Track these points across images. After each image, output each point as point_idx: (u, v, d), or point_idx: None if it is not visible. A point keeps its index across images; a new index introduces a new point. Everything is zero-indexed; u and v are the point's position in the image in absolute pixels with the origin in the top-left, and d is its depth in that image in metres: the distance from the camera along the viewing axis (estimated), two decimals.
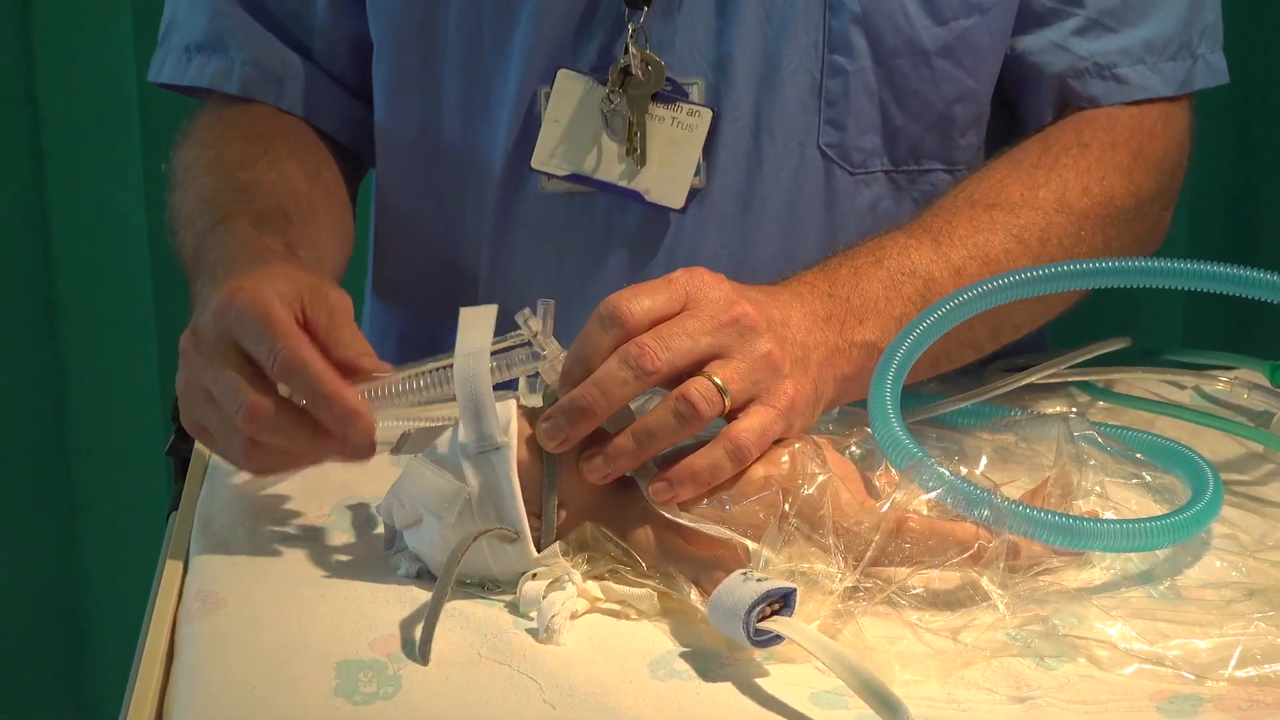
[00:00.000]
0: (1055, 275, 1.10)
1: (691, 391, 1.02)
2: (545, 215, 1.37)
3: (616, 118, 1.33)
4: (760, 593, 0.94)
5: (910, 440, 1.03)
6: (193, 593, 1.03)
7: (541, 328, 1.05)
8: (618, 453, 1.03)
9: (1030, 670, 0.95)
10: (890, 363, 1.08)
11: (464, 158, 1.39)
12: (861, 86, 1.33)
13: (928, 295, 1.18)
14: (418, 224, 1.44)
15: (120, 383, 2.04)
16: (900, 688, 0.92)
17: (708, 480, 1.02)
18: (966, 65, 1.34)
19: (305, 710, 0.91)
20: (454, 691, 0.93)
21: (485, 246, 1.40)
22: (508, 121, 1.36)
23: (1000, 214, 1.25)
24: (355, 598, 1.02)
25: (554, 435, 1.02)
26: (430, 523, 1.03)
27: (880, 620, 0.98)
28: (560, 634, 0.97)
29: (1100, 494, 1.08)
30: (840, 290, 1.16)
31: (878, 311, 1.16)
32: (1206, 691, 0.93)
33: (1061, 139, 1.32)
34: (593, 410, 1.02)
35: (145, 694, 0.95)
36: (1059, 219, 1.27)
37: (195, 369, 1.07)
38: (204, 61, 1.42)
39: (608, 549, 1.03)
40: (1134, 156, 1.33)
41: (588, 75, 1.33)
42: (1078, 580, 1.03)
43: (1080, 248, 1.27)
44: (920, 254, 1.20)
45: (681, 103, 1.33)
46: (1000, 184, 1.28)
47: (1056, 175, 1.29)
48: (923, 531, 1.01)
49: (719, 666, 0.95)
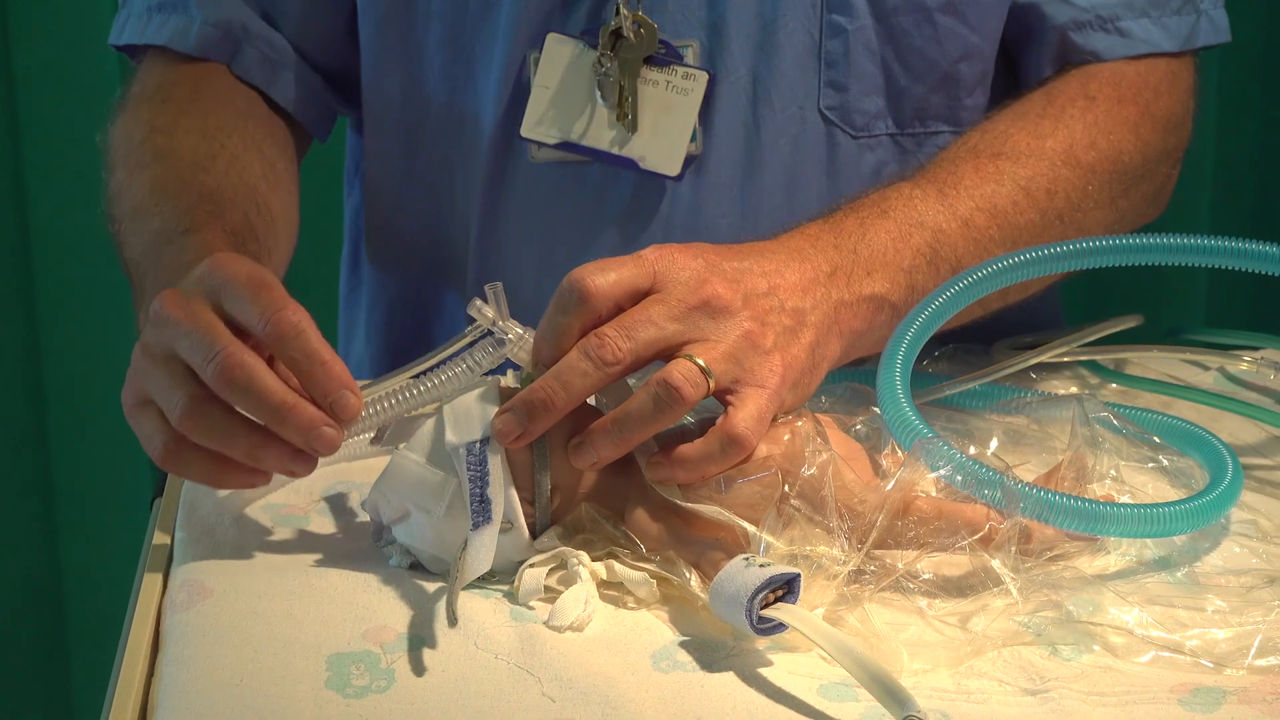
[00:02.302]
0: (1072, 253, 1.09)
1: (673, 375, 0.99)
2: (535, 185, 1.35)
3: (608, 82, 1.30)
4: (763, 579, 0.92)
5: (919, 419, 1.01)
6: (178, 582, 1.01)
7: (497, 313, 1.02)
8: (599, 440, 1.00)
9: (1044, 660, 0.94)
10: (900, 342, 1.06)
11: (451, 125, 1.37)
12: (862, 46, 1.31)
13: (936, 247, 1.17)
14: (406, 193, 1.42)
15: (100, 364, 2.02)
16: (908, 677, 0.91)
17: (703, 471, 1.00)
18: (970, 20, 1.32)
19: (295, 704, 0.89)
20: (449, 685, 0.91)
21: (474, 217, 1.38)
22: (495, 88, 1.34)
23: (1006, 164, 1.24)
24: (346, 587, 1.00)
25: (509, 432, 0.99)
26: (419, 517, 1.00)
27: (887, 606, 0.97)
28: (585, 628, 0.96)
29: (1115, 478, 1.06)
30: (847, 242, 1.13)
31: (886, 263, 1.14)
32: (1230, 683, 0.92)
33: (1066, 91, 1.31)
34: (551, 404, 0.99)
35: (129, 687, 0.93)
36: (1066, 171, 1.25)
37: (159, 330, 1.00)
38: (164, 20, 1.39)
39: (605, 531, 1.01)
40: (1141, 113, 1.31)
41: (578, 39, 1.31)
42: (1092, 566, 1.01)
43: (1087, 202, 1.26)
44: (927, 205, 1.18)
45: (676, 65, 1.31)
46: (1005, 134, 1.27)
47: (1064, 126, 1.27)
48: (931, 512, 0.99)
49: (723, 657, 0.94)
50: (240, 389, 0.97)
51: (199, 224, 1.20)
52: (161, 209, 1.23)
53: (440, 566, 1.01)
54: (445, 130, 1.37)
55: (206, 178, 1.27)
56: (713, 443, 1.00)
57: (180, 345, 0.99)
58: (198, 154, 1.30)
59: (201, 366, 0.98)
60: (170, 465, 1.01)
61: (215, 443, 0.99)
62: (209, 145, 1.31)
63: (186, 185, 1.26)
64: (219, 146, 1.31)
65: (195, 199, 1.24)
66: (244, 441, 0.99)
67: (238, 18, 1.38)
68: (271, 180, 1.32)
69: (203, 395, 0.98)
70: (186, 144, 1.31)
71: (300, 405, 0.98)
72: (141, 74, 1.40)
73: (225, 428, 0.99)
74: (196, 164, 1.28)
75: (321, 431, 0.98)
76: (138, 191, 1.27)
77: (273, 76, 1.39)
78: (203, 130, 1.32)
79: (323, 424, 0.98)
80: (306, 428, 0.98)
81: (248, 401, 0.98)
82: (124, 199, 1.28)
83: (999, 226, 1.21)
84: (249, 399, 0.98)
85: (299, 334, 0.98)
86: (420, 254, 1.43)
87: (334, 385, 0.98)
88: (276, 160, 1.36)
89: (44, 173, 1.97)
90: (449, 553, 0.99)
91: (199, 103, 1.35)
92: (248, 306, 0.99)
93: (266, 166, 1.33)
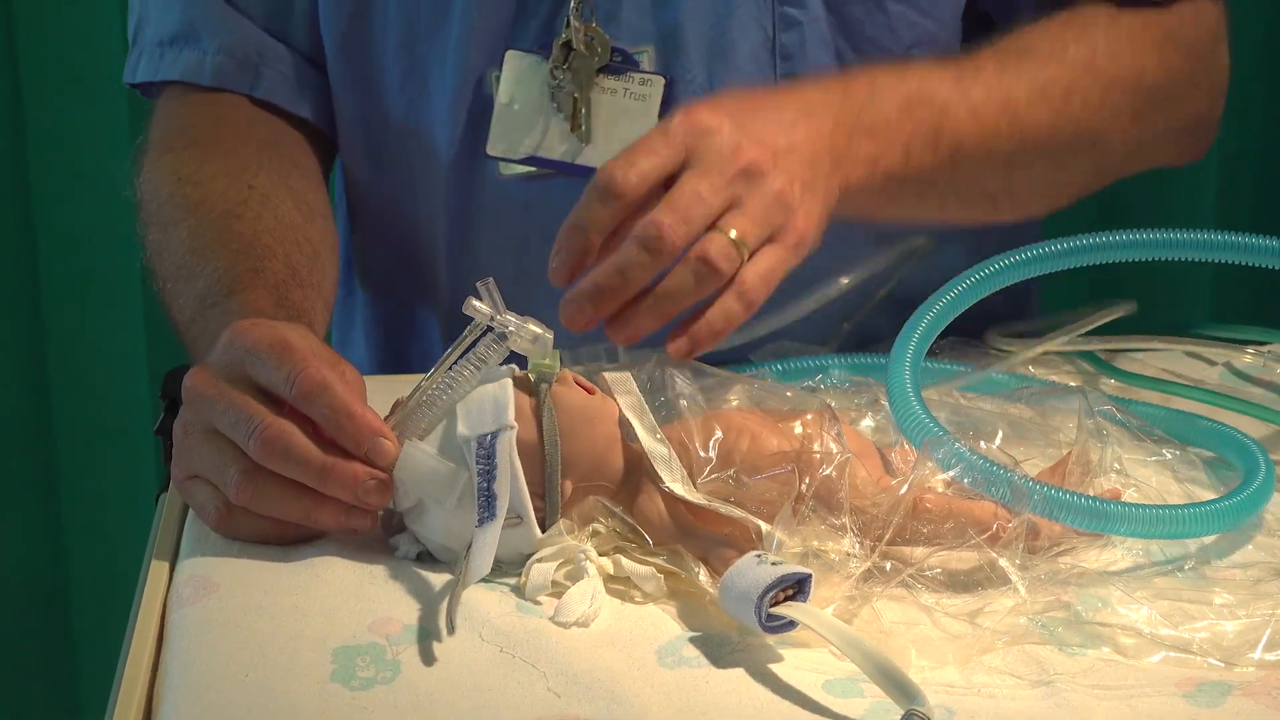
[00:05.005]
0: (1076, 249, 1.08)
1: (711, 250, 1.03)
2: (503, 201, 1.35)
3: (561, 94, 1.30)
4: (775, 577, 0.92)
5: (929, 417, 1.01)
6: (183, 577, 1.00)
7: (493, 307, 1.01)
8: (638, 314, 1.03)
9: (1052, 654, 0.93)
10: (910, 338, 1.06)
11: (409, 140, 1.37)
12: (817, 38, 1.31)
13: (941, 124, 1.19)
14: (379, 210, 1.42)
15: (105, 360, 2.02)
16: (916, 674, 0.90)
17: (723, 330, 1.03)
18: (922, 6, 1.32)
19: (301, 697, 0.89)
20: (455, 678, 0.90)
21: (442, 233, 1.38)
22: (451, 102, 1.33)
23: (1029, 62, 1.25)
24: (352, 579, 0.99)
25: (578, 316, 1.04)
26: (431, 508, 1.00)
27: (896, 603, 0.96)
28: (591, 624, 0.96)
29: (1120, 470, 1.06)
30: (854, 101, 1.16)
31: (888, 128, 1.17)
32: (1234, 678, 0.92)
33: (1090, 8, 1.31)
34: (617, 293, 1.04)
35: (134, 681, 0.93)
36: (1086, 79, 1.26)
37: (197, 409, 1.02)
38: (176, 54, 1.38)
39: (612, 524, 1.01)
40: (1166, 35, 1.31)
41: (536, 53, 1.31)
42: (1099, 561, 1.00)
43: (1105, 112, 1.27)
44: (942, 83, 1.21)
45: (632, 72, 1.30)
46: (1027, 36, 1.28)
47: (1087, 36, 1.28)
48: (940, 511, 0.98)
49: (729, 653, 0.93)
50: (282, 458, 0.98)
51: (242, 284, 1.20)
52: (203, 269, 1.23)
53: (449, 556, 1.00)
54: (405, 145, 1.37)
55: (241, 225, 1.26)
56: (726, 300, 1.03)
57: (220, 423, 1.00)
58: (228, 200, 1.29)
59: (244, 442, 0.99)
60: (228, 531, 1.02)
61: (274, 511, 1.00)
62: (238, 190, 1.30)
63: (223, 239, 1.25)
64: (247, 189, 1.30)
65: (235, 255, 1.23)
66: (298, 505, 1.00)
67: (251, 40, 1.37)
68: (305, 212, 1.32)
69: (253, 468, 0.99)
70: (215, 190, 1.30)
71: (339, 465, 0.99)
72: (161, 115, 1.40)
73: (280, 495, 1.00)
74: (228, 212, 1.28)
75: (366, 484, 0.99)
76: (176, 249, 1.27)
77: (296, 94, 1.39)
78: (229, 174, 1.31)
79: (366, 477, 0.99)
80: (351, 484, 0.99)
81: (291, 469, 0.99)
82: (164, 259, 1.28)
83: (1009, 121, 1.23)
84: (292, 467, 0.99)
85: (324, 390, 0.99)
86: (397, 270, 1.43)
87: (365, 435, 0.99)
88: (306, 191, 1.35)
89: (49, 168, 1.97)
90: (459, 543, 0.99)
91: (222, 144, 1.35)
92: (273, 372, 1.00)
93: (297, 199, 1.33)
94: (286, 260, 1.24)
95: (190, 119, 1.38)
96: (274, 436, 0.98)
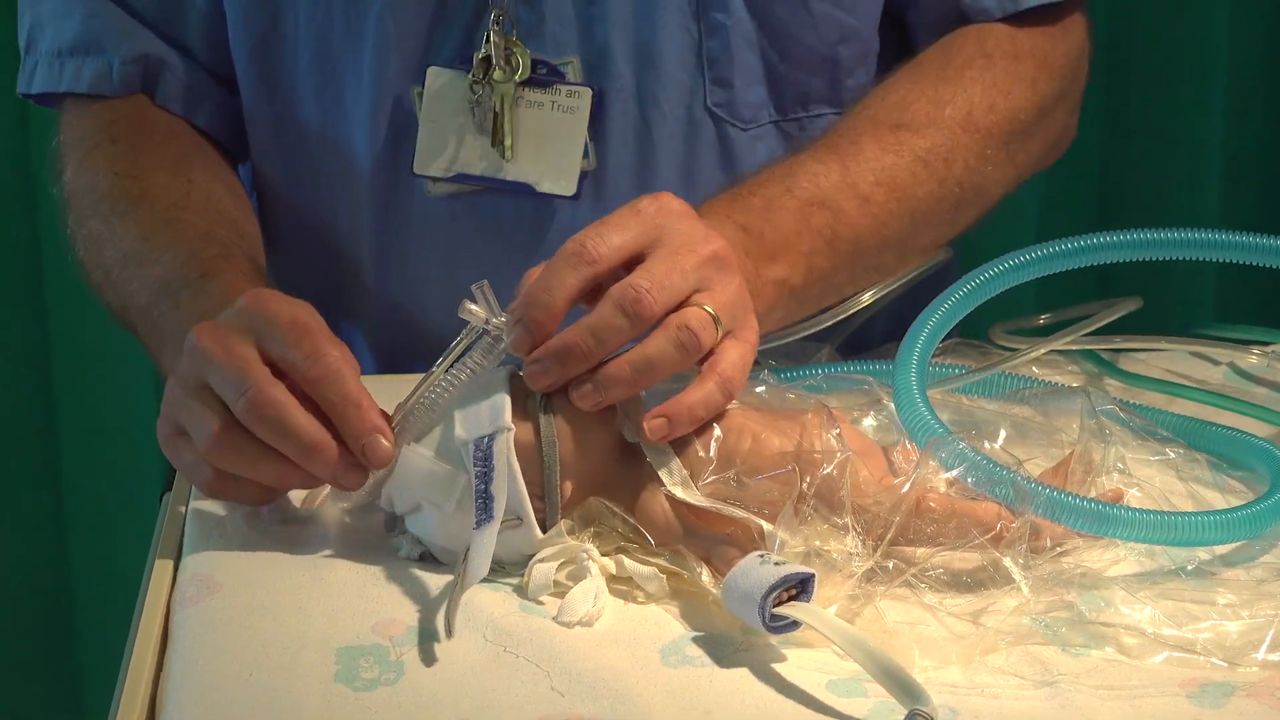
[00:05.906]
0: (1078, 249, 1.08)
1: (692, 320, 1.00)
2: (433, 219, 1.34)
3: (480, 110, 1.30)
4: (778, 577, 0.92)
5: (934, 418, 1.01)
6: (187, 576, 1.00)
7: (489, 310, 1.01)
8: (611, 381, 1.00)
9: (1055, 654, 0.93)
10: (916, 340, 1.06)
11: (326, 152, 1.36)
12: (742, 39, 1.31)
13: (836, 227, 1.20)
14: (294, 217, 1.41)
15: (109, 359, 2.01)
16: (919, 674, 0.90)
17: (703, 416, 1.00)
18: (844, 3, 1.33)
19: (305, 697, 0.89)
20: (459, 678, 0.90)
21: (368, 248, 1.37)
22: (370, 118, 1.32)
23: (906, 135, 1.26)
24: (355, 580, 1.00)
25: (542, 377, 1.00)
26: (430, 511, 1.00)
27: (899, 603, 0.96)
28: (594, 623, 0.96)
29: (1123, 470, 1.06)
30: (754, 224, 1.17)
31: (789, 247, 1.17)
32: (1238, 679, 0.91)
33: (964, 51, 1.32)
34: (587, 356, 1.00)
35: (138, 681, 0.93)
36: (964, 139, 1.27)
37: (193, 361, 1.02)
38: (79, 65, 1.37)
39: (614, 524, 1.01)
40: (1037, 67, 1.33)
41: (457, 69, 1.30)
42: (1102, 560, 1.00)
43: (985, 165, 1.28)
44: (829, 180, 1.21)
45: (559, 85, 1.30)
46: (904, 102, 1.28)
47: (962, 91, 1.29)
48: (943, 510, 0.98)
49: (733, 652, 0.93)
50: (270, 425, 0.99)
51: (214, 269, 1.21)
52: (161, 256, 1.24)
53: (450, 557, 1.00)
54: (322, 155, 1.36)
55: (191, 216, 1.27)
56: (705, 386, 1.00)
57: (212, 377, 1.01)
58: (171, 193, 1.30)
59: (233, 400, 0.99)
60: (217, 492, 1.03)
61: (243, 470, 1.01)
62: (179, 183, 1.31)
63: (176, 229, 1.26)
64: (187, 183, 1.31)
65: (195, 242, 1.24)
66: (271, 469, 1.01)
67: (155, 51, 1.37)
68: (241, 208, 1.33)
69: (231, 424, 1.00)
70: (157, 183, 1.30)
71: (328, 446, 1.00)
72: (71, 120, 1.39)
73: (251, 458, 1.01)
74: (175, 204, 1.29)
75: (349, 470, 1.00)
76: (125, 238, 1.27)
77: (193, 104, 1.38)
78: (166, 169, 1.32)
79: (350, 462, 1.00)
80: (332, 466, 1.00)
81: (277, 437, 1.00)
82: (108, 248, 1.28)
83: (898, 200, 1.24)
84: (279, 435, 0.99)
85: (338, 378, 1.00)
86: (314, 277, 1.41)
87: (366, 428, 1.00)
88: (236, 187, 1.36)
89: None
90: (459, 546, 0.99)
91: (149, 139, 1.35)
92: (290, 350, 1.01)
93: (234, 195, 1.34)
94: (243, 251, 1.25)
95: (107, 118, 1.37)
96: (267, 401, 0.99)
